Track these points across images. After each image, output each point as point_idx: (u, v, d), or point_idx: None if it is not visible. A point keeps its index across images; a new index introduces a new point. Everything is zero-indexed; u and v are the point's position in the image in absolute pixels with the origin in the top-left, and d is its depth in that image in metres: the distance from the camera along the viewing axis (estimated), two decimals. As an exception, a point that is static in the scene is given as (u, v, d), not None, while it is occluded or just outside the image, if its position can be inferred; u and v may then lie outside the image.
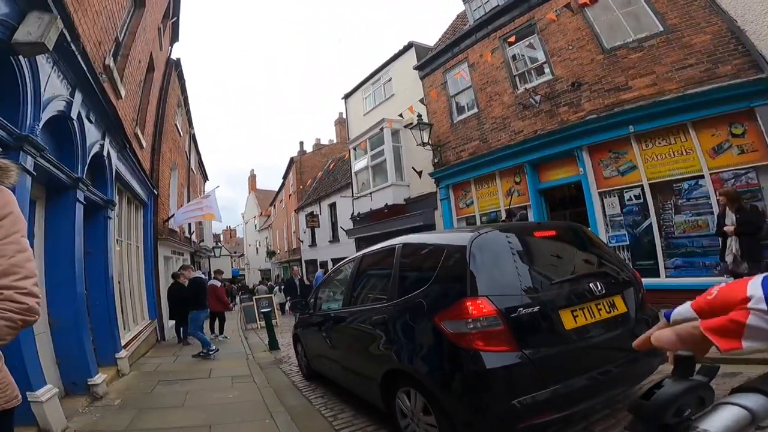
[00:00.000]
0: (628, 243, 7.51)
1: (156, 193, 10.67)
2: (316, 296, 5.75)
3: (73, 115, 4.87)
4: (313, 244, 20.83)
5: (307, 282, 14.51)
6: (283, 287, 15.83)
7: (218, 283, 11.30)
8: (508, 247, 3.02)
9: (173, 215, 11.92)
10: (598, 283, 2.94)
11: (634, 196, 7.44)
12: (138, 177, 8.95)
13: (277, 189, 37.69)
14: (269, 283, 24.69)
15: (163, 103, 12.01)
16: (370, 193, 13.73)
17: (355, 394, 4.28)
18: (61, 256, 4.76)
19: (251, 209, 41.86)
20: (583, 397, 2.61)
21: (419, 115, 11.61)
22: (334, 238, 18.46)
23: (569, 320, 2.75)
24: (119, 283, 7.80)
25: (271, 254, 33.02)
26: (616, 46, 7.86)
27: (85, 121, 5.37)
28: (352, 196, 15.76)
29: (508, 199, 9.21)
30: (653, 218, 7.14)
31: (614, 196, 7.72)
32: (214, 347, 7.79)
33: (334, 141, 26.92)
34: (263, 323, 13.40)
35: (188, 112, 16.90)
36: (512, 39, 9.74)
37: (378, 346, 3.42)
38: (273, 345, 8.59)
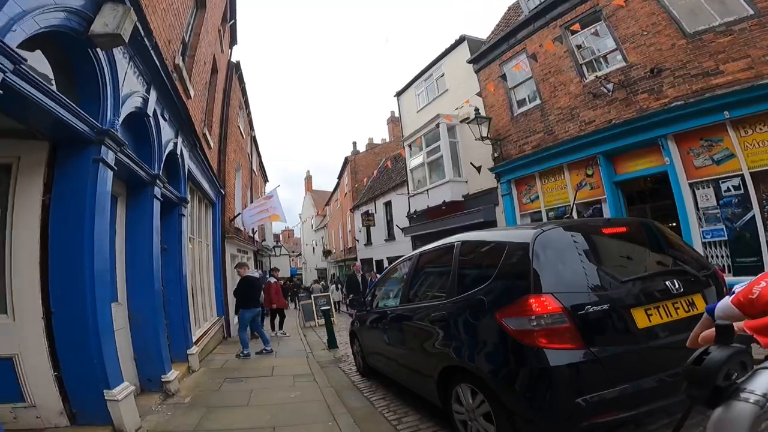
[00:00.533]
0: (726, 238, 6.59)
1: (223, 192, 10.81)
2: (373, 293, 5.71)
3: (149, 112, 4.82)
4: (369, 242, 20.68)
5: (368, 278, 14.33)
6: (342, 284, 15.70)
7: (273, 281, 11.31)
8: (573, 244, 2.93)
9: (239, 214, 12.06)
10: (675, 281, 2.81)
11: (733, 186, 6.52)
12: (207, 177, 9.05)
13: (331, 189, 38.16)
14: (322, 282, 24.85)
15: (226, 105, 12.20)
16: (427, 191, 13.30)
17: (414, 392, 4.17)
18: (140, 251, 4.73)
19: (308, 209, 42.61)
20: (652, 398, 2.50)
21: (476, 109, 11.10)
22: (390, 237, 18.17)
23: (642, 319, 2.64)
24: (191, 279, 7.89)
25: (327, 253, 33.32)
26: (700, 30, 7.02)
27: (161, 119, 5.35)
28: (408, 193, 15.42)
29: (575, 193, 8.46)
30: (756, 210, 6.23)
31: (708, 187, 6.82)
32: (248, 351, 7.66)
33: (387, 140, 26.70)
34: (321, 321, 13.41)
35: (249, 114, 17.21)
36: (576, 27, 9.01)
37: (436, 343, 3.39)
38: (332, 343, 8.45)
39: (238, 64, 13.88)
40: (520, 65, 10.51)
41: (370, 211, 19.47)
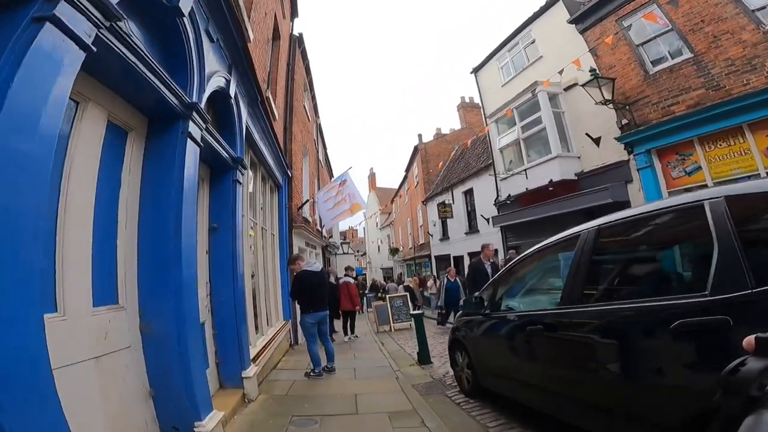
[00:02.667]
0: None
1: (290, 174, 9.15)
2: (494, 291, 4.11)
3: (183, 9, 2.98)
4: (445, 237, 18.22)
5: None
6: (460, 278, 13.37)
7: (351, 280, 9.95)
8: None
9: (307, 201, 10.36)
10: None
11: None
12: (272, 150, 7.34)
13: (394, 188, 36.27)
14: (389, 282, 22.92)
15: (291, 79, 10.61)
16: (525, 171, 10.83)
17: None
18: (165, 219, 2.84)
19: (372, 207, 40.93)
20: None
21: (593, 70, 8.72)
22: (472, 229, 15.67)
23: None
24: (253, 275, 6.14)
25: (393, 252, 31.23)
26: None
27: (203, 35, 3.51)
28: (495, 177, 13.07)
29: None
30: None
31: None
32: (321, 368, 5.66)
33: (457, 128, 24.24)
34: (396, 325, 11.46)
35: (313, 98, 15.62)
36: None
37: (674, 367, 2.04)
38: (424, 358, 6.35)
39: (300, 37, 12.26)
40: (654, 16, 8.10)
41: (446, 202, 17.08)
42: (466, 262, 15.87)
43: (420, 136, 23.58)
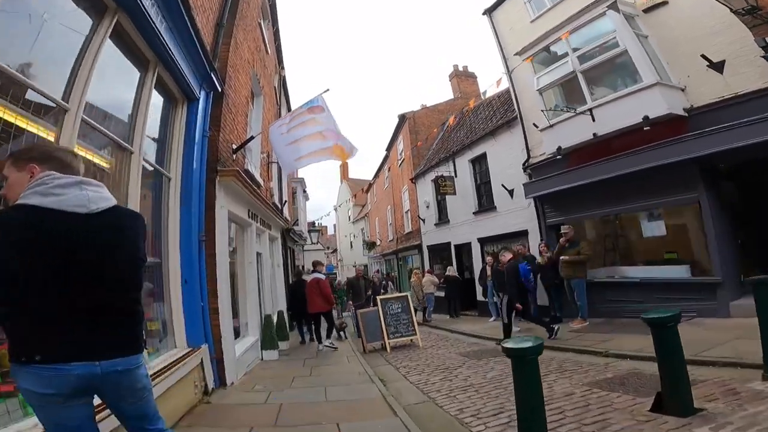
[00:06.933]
0: None
1: (220, 89, 5.19)
2: None
3: None
4: (443, 220, 14.27)
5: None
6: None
7: (323, 277, 8.40)
8: None
9: (251, 139, 6.30)
10: None
11: None
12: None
13: (367, 178, 32.32)
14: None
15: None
16: (590, 110, 7.21)
17: None
18: None
19: (344, 198, 36.85)
20: None
21: None
22: (484, 207, 11.83)
23: None
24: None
25: (370, 246, 27.09)
26: None
27: None
28: (525, 132, 9.45)
29: None
30: None
31: None
32: None
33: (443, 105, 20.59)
34: (392, 341, 7.62)
35: (277, 33, 11.57)
36: None
37: None
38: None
39: None
40: None
41: (446, 174, 13.24)
42: (475, 251, 12.09)
43: (401, 116, 19.71)
